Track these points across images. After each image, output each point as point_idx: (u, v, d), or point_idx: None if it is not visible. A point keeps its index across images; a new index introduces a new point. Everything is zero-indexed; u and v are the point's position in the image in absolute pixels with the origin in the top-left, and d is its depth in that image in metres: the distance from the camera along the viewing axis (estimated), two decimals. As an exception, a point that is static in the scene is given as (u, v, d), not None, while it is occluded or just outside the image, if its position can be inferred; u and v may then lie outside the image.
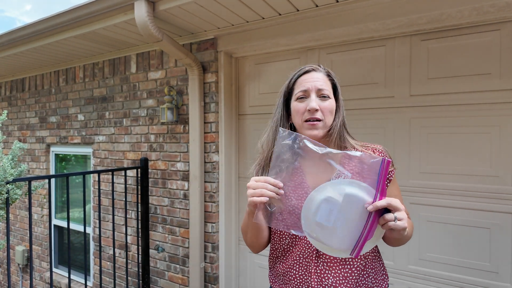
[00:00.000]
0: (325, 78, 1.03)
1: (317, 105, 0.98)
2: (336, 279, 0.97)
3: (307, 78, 1.02)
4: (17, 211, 4.14)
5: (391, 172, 1.04)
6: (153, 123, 2.89)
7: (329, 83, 1.03)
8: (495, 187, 1.82)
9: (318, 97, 1.00)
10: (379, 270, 1.06)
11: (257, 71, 2.60)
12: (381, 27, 1.99)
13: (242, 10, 2.12)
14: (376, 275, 1.04)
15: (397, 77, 2.06)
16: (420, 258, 2.01)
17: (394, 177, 1.06)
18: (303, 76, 1.03)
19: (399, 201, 0.83)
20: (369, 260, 1.02)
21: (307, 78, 1.02)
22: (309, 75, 1.02)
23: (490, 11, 1.74)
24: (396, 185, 1.09)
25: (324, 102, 1.00)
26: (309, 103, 0.98)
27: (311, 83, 1.00)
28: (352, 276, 0.98)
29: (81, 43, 2.79)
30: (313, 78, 1.01)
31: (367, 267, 1.01)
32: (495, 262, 1.82)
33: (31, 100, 3.94)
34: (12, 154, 1.95)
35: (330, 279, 0.97)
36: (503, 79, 1.79)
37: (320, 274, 0.98)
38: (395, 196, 1.03)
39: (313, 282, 0.99)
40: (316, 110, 0.98)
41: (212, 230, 2.60)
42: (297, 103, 1.02)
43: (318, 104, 0.98)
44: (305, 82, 1.02)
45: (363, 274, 1.00)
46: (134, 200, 2.97)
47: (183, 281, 2.74)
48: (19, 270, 4.08)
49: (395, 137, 2.07)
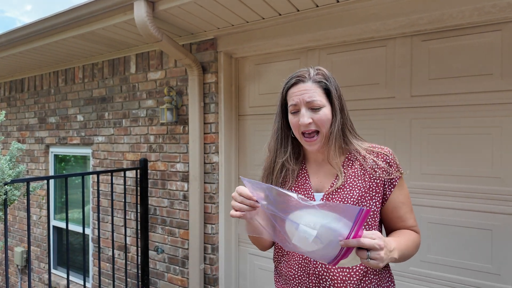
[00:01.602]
0: (314, 86, 0.98)
1: (309, 118, 0.97)
2: (334, 281, 0.96)
3: (295, 92, 0.99)
4: (16, 212, 4.12)
5: (395, 178, 1.01)
6: (153, 124, 2.88)
7: (319, 90, 0.98)
8: (496, 188, 1.81)
9: (310, 109, 0.98)
10: (384, 277, 1.03)
11: (257, 72, 2.59)
12: (382, 27, 1.98)
13: (242, 10, 2.11)
14: (380, 281, 1.02)
15: (398, 78, 2.05)
16: (421, 260, 2.00)
17: (400, 182, 1.03)
18: (292, 89, 1.01)
19: (375, 240, 0.78)
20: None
21: (294, 91, 0.99)
22: (297, 88, 0.99)
23: (492, 12, 1.73)
24: (404, 190, 1.04)
25: (317, 114, 0.97)
26: (300, 119, 0.97)
27: (299, 97, 0.98)
28: (351, 280, 0.96)
29: (80, 43, 2.78)
30: (301, 91, 0.98)
31: (369, 273, 0.99)
32: (497, 264, 1.81)
33: (30, 101, 3.93)
34: (10, 155, 1.94)
35: (328, 281, 0.97)
36: (505, 80, 1.78)
37: (318, 276, 0.98)
38: (399, 203, 1.02)
39: (311, 283, 0.99)
40: (309, 124, 0.97)
41: (212, 231, 2.59)
42: (292, 117, 1.02)
43: (310, 117, 0.97)
44: (293, 95, 0.99)
45: (365, 280, 0.98)
46: (134, 201, 2.96)
47: (183, 282, 2.72)
48: (18, 271, 4.07)
49: (395, 138, 2.06)
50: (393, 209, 1.03)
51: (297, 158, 1.09)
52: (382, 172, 0.99)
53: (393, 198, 1.02)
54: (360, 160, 1.01)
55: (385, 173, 0.99)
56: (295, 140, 1.07)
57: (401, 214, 1.03)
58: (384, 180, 1.00)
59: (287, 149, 1.07)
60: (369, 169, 1.00)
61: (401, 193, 1.03)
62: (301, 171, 1.09)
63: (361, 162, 1.01)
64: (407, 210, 1.04)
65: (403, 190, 1.04)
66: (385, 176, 0.99)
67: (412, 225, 1.05)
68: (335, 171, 1.02)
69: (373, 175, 0.99)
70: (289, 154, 1.06)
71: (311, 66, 1.05)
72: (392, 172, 1.00)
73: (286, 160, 1.06)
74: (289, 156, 1.06)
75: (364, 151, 1.02)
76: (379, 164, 0.99)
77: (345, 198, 0.98)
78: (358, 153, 1.02)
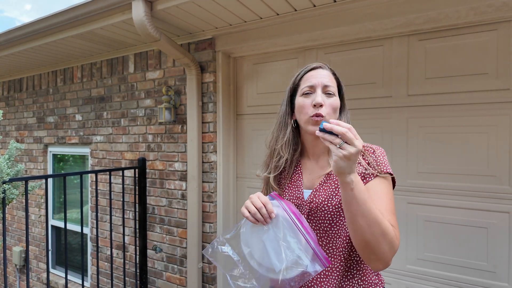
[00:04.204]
0: (331, 76, 1.04)
1: (323, 100, 0.98)
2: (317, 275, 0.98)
3: (314, 74, 1.03)
4: (15, 212, 4.12)
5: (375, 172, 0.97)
6: (151, 123, 2.88)
7: (334, 81, 1.04)
8: (492, 186, 1.82)
9: (324, 93, 1.00)
10: (368, 272, 1.02)
11: (255, 71, 2.60)
12: (379, 27, 1.99)
13: (240, 9, 2.12)
14: (365, 276, 1.01)
15: (395, 77, 2.06)
16: (418, 258, 2.01)
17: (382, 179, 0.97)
18: (310, 72, 1.04)
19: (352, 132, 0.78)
20: (354, 262, 1.00)
21: (313, 74, 1.03)
22: (316, 72, 1.03)
23: (487, 11, 1.74)
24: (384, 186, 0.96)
25: (329, 99, 1.00)
26: (315, 98, 0.98)
27: (318, 79, 1.01)
28: (333, 275, 0.98)
29: (79, 43, 2.78)
30: (320, 75, 1.02)
31: (352, 269, 1.00)
32: (492, 261, 1.83)
33: (28, 100, 3.93)
34: (8, 154, 1.94)
35: None
36: (500, 79, 1.79)
37: None
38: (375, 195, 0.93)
39: None
40: (321, 106, 0.98)
41: (210, 230, 2.60)
42: (302, 99, 1.02)
43: (323, 100, 0.98)
44: (311, 78, 1.02)
45: (347, 275, 0.99)
46: (132, 200, 2.97)
47: (181, 281, 2.73)
48: (16, 270, 4.07)
49: (392, 137, 2.08)
50: None
51: (295, 150, 1.09)
52: (363, 168, 0.98)
53: (369, 186, 0.95)
54: None
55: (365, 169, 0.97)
56: (296, 130, 1.09)
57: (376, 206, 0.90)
58: (364, 174, 0.97)
59: (285, 136, 1.07)
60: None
61: (380, 187, 0.95)
62: (296, 167, 1.11)
63: None
64: (384, 205, 0.92)
65: (383, 186, 0.96)
66: (365, 171, 0.97)
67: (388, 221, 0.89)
68: (328, 167, 1.03)
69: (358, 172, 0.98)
70: (286, 140, 1.07)
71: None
72: (374, 167, 0.97)
73: (281, 147, 1.07)
74: (285, 143, 1.06)
75: None
76: (361, 163, 0.98)
77: (329, 194, 0.99)
78: None
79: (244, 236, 0.93)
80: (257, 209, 0.90)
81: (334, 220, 0.99)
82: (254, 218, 0.90)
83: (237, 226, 0.96)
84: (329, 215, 0.99)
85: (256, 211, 0.90)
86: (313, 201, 1.01)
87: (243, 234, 0.94)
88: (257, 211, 0.90)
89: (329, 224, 0.99)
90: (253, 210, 0.90)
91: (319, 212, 1.00)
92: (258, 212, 0.90)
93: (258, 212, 0.90)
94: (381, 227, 0.82)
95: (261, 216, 0.90)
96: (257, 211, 0.90)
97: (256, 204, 0.90)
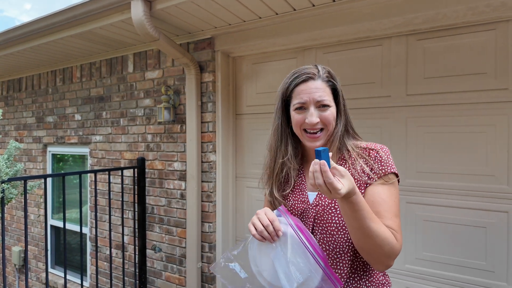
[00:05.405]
0: (324, 85, 0.97)
1: (317, 117, 0.95)
2: None
3: (304, 89, 0.97)
4: (14, 212, 4.12)
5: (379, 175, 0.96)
6: (150, 123, 2.88)
7: (328, 89, 0.98)
8: (491, 186, 1.82)
9: (317, 107, 0.96)
10: (375, 273, 1.02)
11: (254, 71, 2.60)
12: (378, 26, 2.00)
13: (239, 9, 2.12)
14: (372, 277, 1.01)
15: (394, 77, 2.06)
16: (416, 257, 2.02)
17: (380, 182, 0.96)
18: (301, 86, 0.98)
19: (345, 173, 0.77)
20: (360, 264, 0.99)
21: (304, 89, 0.97)
22: (306, 85, 0.97)
23: (486, 11, 1.75)
24: (389, 189, 0.95)
25: (325, 112, 0.96)
26: (308, 118, 0.95)
27: (309, 95, 0.95)
28: (341, 279, 0.96)
29: (78, 42, 2.78)
30: (311, 89, 0.96)
31: (359, 270, 0.99)
32: (491, 261, 1.83)
33: (28, 100, 3.93)
34: (7, 154, 1.94)
35: None
36: (499, 79, 1.80)
37: None
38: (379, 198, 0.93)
39: None
40: (316, 123, 0.95)
41: (209, 229, 2.60)
42: (295, 114, 0.98)
43: (318, 116, 0.95)
44: (302, 93, 0.97)
45: (354, 277, 0.98)
46: (131, 200, 2.97)
47: (180, 281, 2.73)
48: (15, 270, 4.06)
49: (391, 136, 2.08)
50: (371, 203, 0.92)
51: (297, 156, 1.07)
52: (366, 176, 0.96)
53: (373, 190, 0.94)
54: (349, 162, 1.00)
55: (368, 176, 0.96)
56: (294, 137, 1.06)
57: (378, 210, 0.92)
58: (368, 176, 0.96)
59: (287, 148, 1.04)
60: (355, 173, 0.97)
61: (384, 189, 0.94)
62: (299, 172, 1.09)
63: (349, 165, 0.99)
64: (386, 208, 0.91)
65: (386, 188, 0.94)
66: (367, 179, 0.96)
67: (389, 225, 0.90)
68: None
69: (359, 179, 0.97)
70: (289, 154, 1.04)
71: (315, 64, 1.04)
72: (377, 172, 0.96)
73: (288, 159, 1.04)
74: (290, 156, 1.04)
75: (356, 153, 1.00)
76: (364, 170, 0.96)
77: None
78: (349, 155, 1.00)
79: (252, 253, 0.92)
80: (264, 227, 0.88)
81: (341, 223, 0.96)
82: (261, 236, 0.89)
83: (244, 242, 0.95)
84: (336, 218, 0.97)
85: (263, 229, 0.88)
86: (319, 203, 0.99)
87: (251, 250, 0.93)
88: (264, 229, 0.88)
89: (335, 227, 0.97)
90: (260, 228, 0.88)
91: (325, 215, 0.98)
92: (265, 230, 0.88)
93: (265, 230, 0.88)
94: (380, 238, 0.83)
95: (268, 234, 0.88)
96: (264, 229, 0.88)
97: (263, 221, 0.89)
